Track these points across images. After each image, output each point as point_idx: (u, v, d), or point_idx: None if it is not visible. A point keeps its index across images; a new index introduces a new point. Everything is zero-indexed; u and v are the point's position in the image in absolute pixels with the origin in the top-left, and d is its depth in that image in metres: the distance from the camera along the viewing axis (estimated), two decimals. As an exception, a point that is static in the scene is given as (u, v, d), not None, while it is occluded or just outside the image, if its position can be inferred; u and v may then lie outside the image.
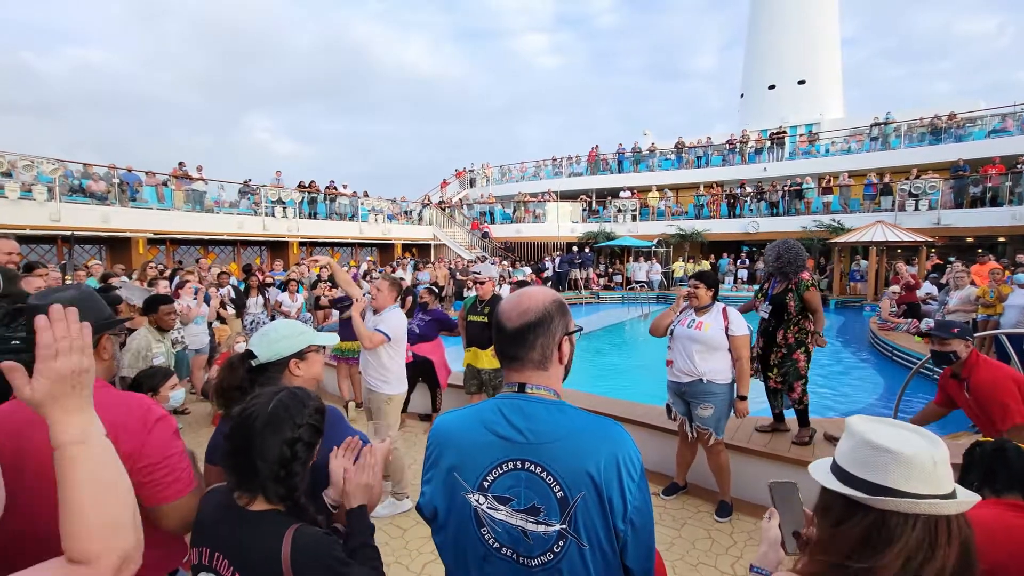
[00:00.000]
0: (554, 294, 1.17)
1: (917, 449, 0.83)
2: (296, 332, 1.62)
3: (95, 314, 1.38)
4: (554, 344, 1.10)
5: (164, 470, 1.27)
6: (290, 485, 1.11)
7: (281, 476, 1.10)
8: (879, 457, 0.84)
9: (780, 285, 3.81)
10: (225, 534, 1.12)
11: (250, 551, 1.08)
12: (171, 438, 1.32)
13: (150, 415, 1.30)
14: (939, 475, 0.82)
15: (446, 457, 1.09)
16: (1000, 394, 2.56)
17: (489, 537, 1.04)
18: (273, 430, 1.13)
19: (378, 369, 3.55)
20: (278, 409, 1.16)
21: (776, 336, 3.78)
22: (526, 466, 1.02)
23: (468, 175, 27.75)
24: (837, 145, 20.55)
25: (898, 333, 8.84)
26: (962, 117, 17.84)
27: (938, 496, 0.81)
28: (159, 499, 1.27)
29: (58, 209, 11.44)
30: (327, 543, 1.09)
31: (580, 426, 1.05)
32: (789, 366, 3.74)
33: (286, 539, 1.05)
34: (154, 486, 1.26)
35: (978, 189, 15.12)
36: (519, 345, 1.08)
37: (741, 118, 27.03)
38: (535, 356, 1.09)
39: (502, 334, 1.10)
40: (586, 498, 0.99)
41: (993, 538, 1.45)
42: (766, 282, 3.98)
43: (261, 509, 1.12)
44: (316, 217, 17.17)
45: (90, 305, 1.38)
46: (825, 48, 25.92)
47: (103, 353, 1.40)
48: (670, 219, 20.45)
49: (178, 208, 13.95)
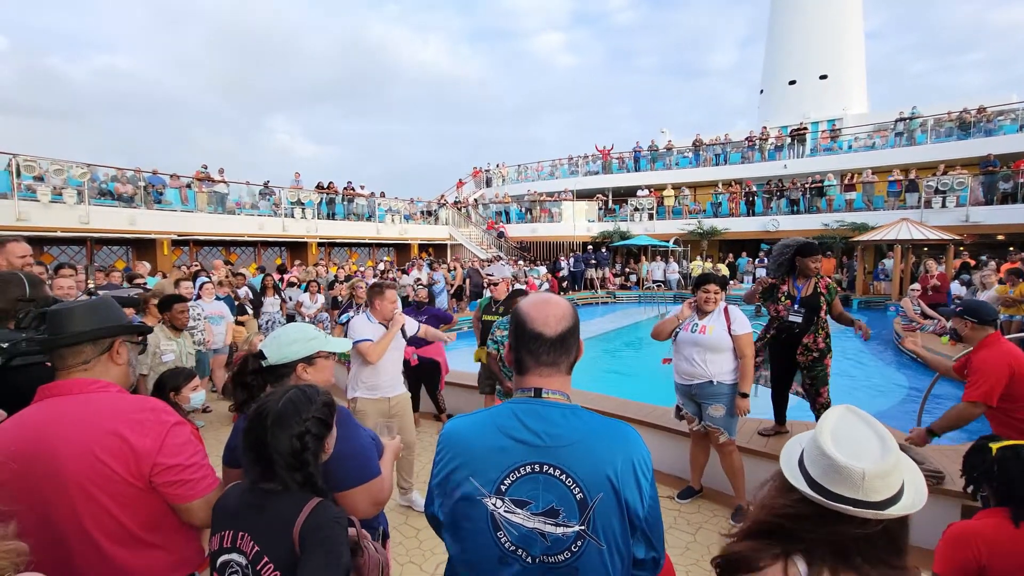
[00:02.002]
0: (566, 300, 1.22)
1: (851, 462, 0.91)
2: (307, 337, 1.65)
3: (109, 319, 1.44)
4: (579, 348, 1.16)
5: (192, 468, 1.35)
6: (306, 473, 1.20)
7: (295, 465, 1.19)
8: (823, 460, 0.94)
9: (807, 287, 3.68)
10: (251, 513, 1.19)
11: (272, 521, 1.16)
12: (190, 439, 1.38)
13: (163, 419, 1.35)
14: (866, 487, 0.90)
15: (459, 462, 1.10)
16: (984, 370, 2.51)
17: (505, 540, 1.05)
18: (282, 426, 1.20)
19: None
20: (287, 406, 1.24)
21: (804, 339, 3.65)
22: (544, 469, 1.04)
23: (484, 175, 27.82)
24: (860, 141, 20.08)
25: (924, 334, 8.61)
26: (992, 110, 17.28)
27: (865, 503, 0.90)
28: (190, 496, 1.34)
29: (87, 212, 11.79)
30: (339, 518, 1.18)
31: (596, 429, 1.09)
32: (819, 371, 3.65)
33: (305, 508, 1.15)
34: (182, 485, 1.33)
35: (1009, 185, 14.62)
36: (560, 351, 1.11)
37: (761, 114, 26.59)
38: (570, 361, 1.15)
39: (540, 341, 1.10)
40: (604, 499, 1.02)
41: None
42: (782, 282, 3.85)
43: None
44: (334, 218, 17.40)
45: (104, 312, 1.44)
46: (848, 42, 25.33)
47: (117, 359, 1.44)
48: (687, 217, 20.22)
49: (201, 210, 14.27)
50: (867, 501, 0.90)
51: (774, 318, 3.84)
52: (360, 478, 1.51)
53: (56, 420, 1.28)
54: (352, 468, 1.50)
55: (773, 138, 20.88)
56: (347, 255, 19.38)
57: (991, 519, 1.60)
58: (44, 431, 1.26)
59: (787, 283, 3.82)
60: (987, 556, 1.52)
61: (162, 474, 1.31)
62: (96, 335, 1.38)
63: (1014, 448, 1.66)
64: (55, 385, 1.34)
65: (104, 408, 1.32)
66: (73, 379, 1.35)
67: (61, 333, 1.35)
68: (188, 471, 1.34)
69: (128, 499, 1.29)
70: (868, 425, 0.98)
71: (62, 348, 1.35)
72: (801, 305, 3.67)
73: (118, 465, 1.26)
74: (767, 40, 27.91)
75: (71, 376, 1.36)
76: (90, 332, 1.37)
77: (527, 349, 1.12)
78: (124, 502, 1.28)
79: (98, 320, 1.40)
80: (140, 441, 1.29)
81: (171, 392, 2.81)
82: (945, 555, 1.61)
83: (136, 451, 1.28)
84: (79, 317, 1.37)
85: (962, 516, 2.87)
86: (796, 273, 3.78)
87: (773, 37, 27.19)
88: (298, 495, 1.19)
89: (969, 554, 1.55)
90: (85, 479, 1.24)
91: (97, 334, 1.38)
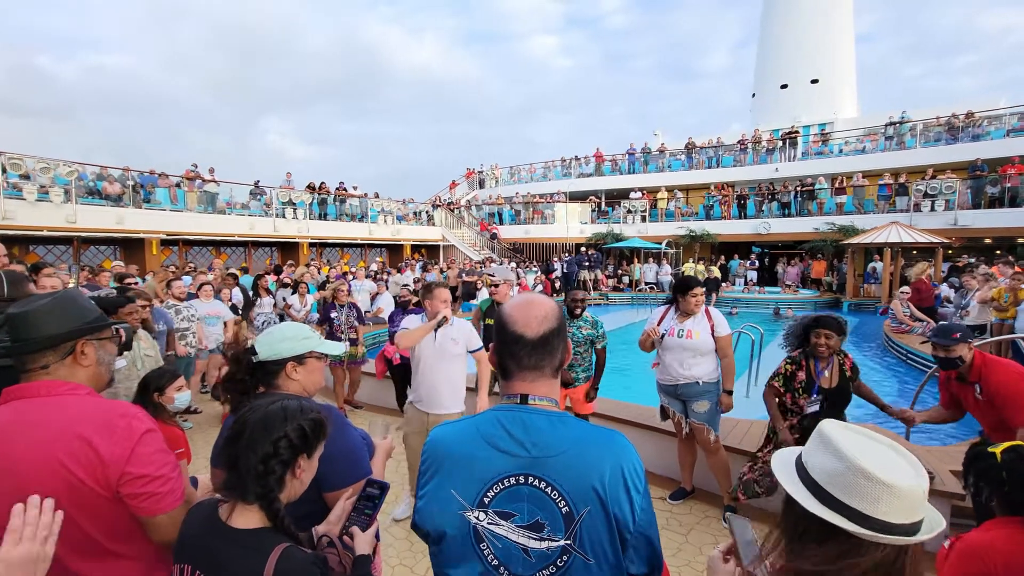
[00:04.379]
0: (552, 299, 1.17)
1: (911, 483, 0.82)
2: (300, 336, 1.62)
3: (71, 320, 1.33)
4: (564, 350, 1.11)
5: (159, 480, 1.26)
6: (266, 484, 1.10)
7: (260, 471, 1.09)
8: (872, 488, 0.82)
9: (831, 372, 3.01)
10: (207, 552, 1.10)
11: (231, 570, 1.05)
12: (162, 449, 1.30)
13: (134, 426, 1.26)
14: (923, 506, 0.83)
15: (443, 472, 1.06)
16: (1015, 397, 2.51)
17: (488, 553, 1.01)
18: (265, 427, 1.13)
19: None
20: (276, 410, 1.17)
21: None
22: (529, 481, 1.00)
23: (478, 176, 27.79)
24: (851, 145, 20.25)
25: (912, 336, 8.69)
26: (980, 116, 17.51)
27: (913, 523, 0.82)
28: (156, 510, 1.25)
29: (74, 211, 11.63)
30: (315, 563, 1.07)
31: (583, 437, 1.03)
32: None
33: (271, 559, 1.03)
34: (148, 497, 1.24)
35: (996, 189, 14.82)
36: (543, 354, 1.06)
37: (753, 118, 26.79)
38: (555, 363, 1.09)
39: (520, 344, 1.05)
40: (592, 512, 0.97)
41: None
42: (799, 367, 3.07)
43: (247, 527, 1.09)
44: (326, 218, 17.29)
45: (68, 310, 1.34)
46: (839, 46, 25.60)
47: (82, 360, 1.33)
48: (680, 220, 20.30)
49: (191, 209, 14.13)
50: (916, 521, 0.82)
51: (792, 411, 3.11)
52: (350, 478, 1.47)
53: (18, 424, 1.20)
54: (341, 468, 1.46)
55: (765, 141, 21.03)
56: (339, 255, 19.27)
57: (1003, 531, 1.49)
58: (4, 436, 1.18)
59: (804, 367, 3.06)
60: (1003, 571, 1.42)
61: (129, 484, 1.22)
62: (52, 342, 1.28)
63: (1016, 450, 1.58)
64: (20, 387, 1.26)
65: (71, 412, 1.23)
66: (39, 381, 1.27)
67: (17, 339, 1.26)
68: (155, 483, 1.25)
69: (94, 509, 1.21)
70: (869, 438, 0.91)
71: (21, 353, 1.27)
72: (826, 397, 2.99)
73: (84, 473, 1.18)
74: (759, 44, 28.13)
75: (36, 378, 1.27)
76: (44, 339, 1.27)
77: (509, 352, 1.07)
78: (90, 512, 1.20)
79: (56, 324, 1.29)
80: (108, 449, 1.20)
81: (155, 393, 2.75)
82: (957, 570, 1.49)
83: (103, 459, 1.20)
84: (34, 321, 1.27)
85: (952, 515, 2.89)
86: (811, 352, 3.05)
87: (764, 41, 27.41)
88: (262, 537, 1.08)
89: (983, 569, 1.45)
90: (47, 487, 1.14)
91: (53, 341, 1.28)
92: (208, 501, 1.19)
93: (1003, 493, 1.54)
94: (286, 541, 1.08)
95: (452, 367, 3.25)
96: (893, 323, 9.23)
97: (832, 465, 0.86)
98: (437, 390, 3.22)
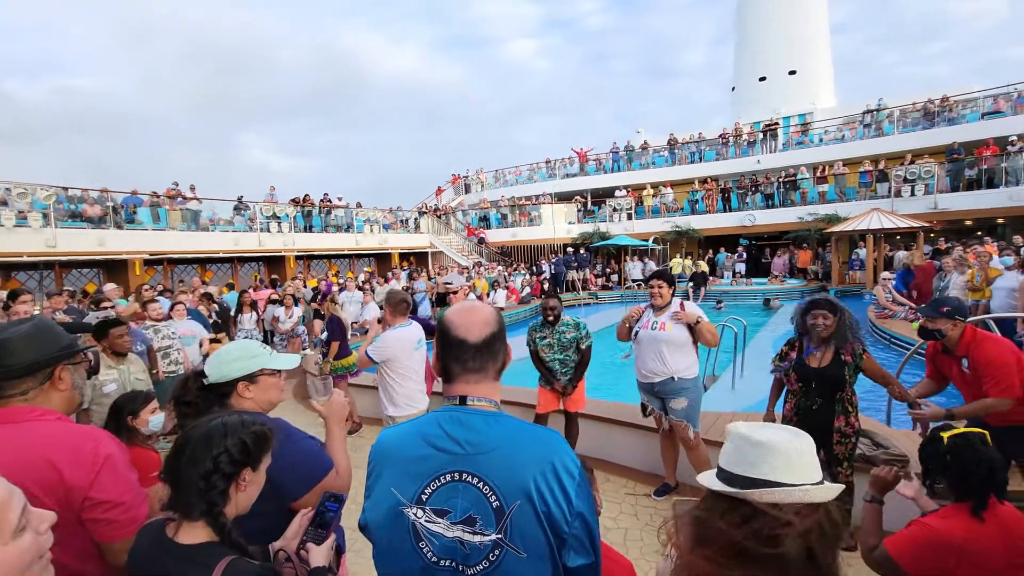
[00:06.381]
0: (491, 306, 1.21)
1: (785, 441, 0.91)
2: (249, 355, 1.61)
3: (49, 345, 1.39)
4: (506, 353, 1.16)
5: (120, 508, 1.28)
6: (210, 499, 1.11)
7: (201, 488, 1.10)
8: (752, 450, 0.92)
9: (824, 354, 2.94)
10: (156, 570, 1.10)
11: None
12: (124, 475, 1.31)
13: (99, 451, 1.29)
14: (803, 463, 0.90)
15: (385, 472, 1.10)
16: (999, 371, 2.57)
17: (427, 551, 1.03)
18: (206, 443, 1.14)
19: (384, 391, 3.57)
20: (216, 426, 1.19)
21: (834, 422, 2.91)
22: (463, 477, 1.03)
23: (463, 181, 27.81)
24: (831, 134, 20.52)
25: (896, 320, 8.79)
26: (954, 100, 17.79)
27: (808, 484, 0.88)
28: (115, 536, 1.27)
29: (54, 235, 11.50)
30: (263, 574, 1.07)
31: (517, 435, 1.07)
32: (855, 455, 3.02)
33: (216, 573, 1.04)
34: (108, 524, 1.27)
35: (973, 172, 15.05)
36: (485, 357, 1.11)
37: (734, 111, 27.00)
38: (497, 366, 1.14)
39: (463, 348, 1.10)
40: (522, 507, 0.99)
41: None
42: (791, 348, 3.11)
43: (193, 543, 1.10)
44: (312, 230, 17.21)
45: (45, 337, 1.39)
46: (815, 37, 25.90)
47: (59, 384, 1.39)
48: (666, 216, 20.42)
49: (173, 228, 14.01)
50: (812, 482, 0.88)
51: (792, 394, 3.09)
52: (310, 481, 1.50)
53: None
54: (300, 474, 1.49)
55: (746, 134, 21.22)
56: (326, 267, 19.19)
57: (959, 520, 1.52)
58: None
59: (797, 347, 3.07)
60: (956, 565, 1.47)
61: (91, 510, 1.25)
62: (32, 368, 1.33)
63: (964, 436, 1.62)
64: None
65: (39, 437, 1.26)
66: (12, 407, 1.31)
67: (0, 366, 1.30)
68: (116, 510, 1.27)
69: (59, 533, 1.23)
70: (768, 426, 0.99)
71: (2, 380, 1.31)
72: (813, 378, 2.94)
73: (48, 497, 1.20)
74: (736, 38, 28.40)
75: (10, 404, 1.31)
76: (24, 366, 1.32)
77: (452, 356, 1.12)
78: (57, 535, 1.23)
79: (35, 350, 1.35)
80: (72, 473, 1.23)
81: (128, 416, 2.73)
82: (917, 557, 1.53)
83: (67, 483, 1.22)
84: (14, 348, 1.31)
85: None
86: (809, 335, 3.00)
87: (742, 35, 27.68)
88: (208, 551, 1.08)
89: (943, 563, 1.49)
90: None
91: (33, 368, 1.33)
92: (156, 521, 1.19)
93: (948, 478, 1.57)
94: (232, 554, 1.09)
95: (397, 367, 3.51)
96: (876, 308, 9.33)
97: (728, 445, 0.98)
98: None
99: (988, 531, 1.48)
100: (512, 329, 11.19)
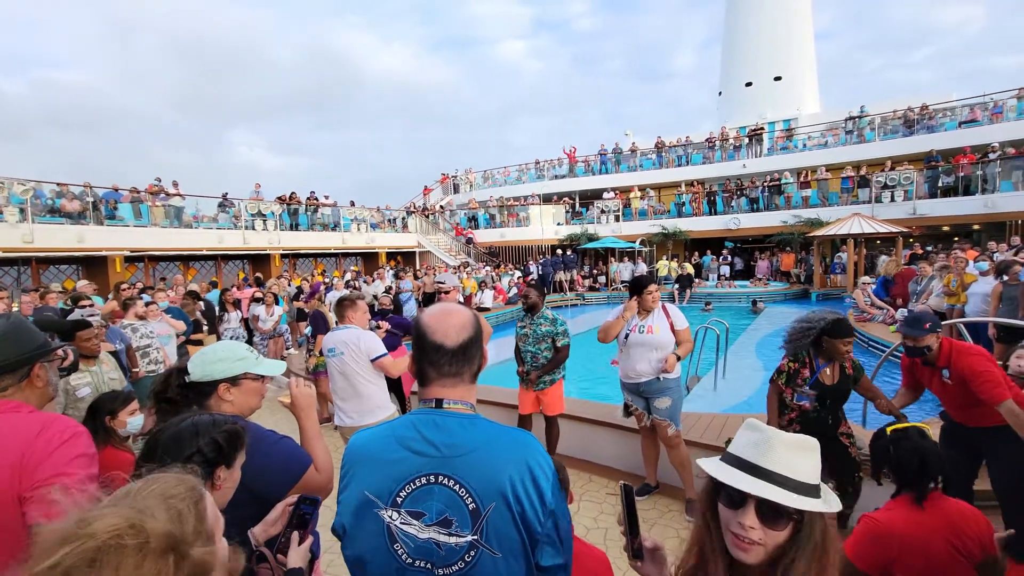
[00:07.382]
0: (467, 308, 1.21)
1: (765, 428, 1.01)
2: (234, 357, 1.58)
3: (25, 344, 1.41)
4: (482, 356, 1.16)
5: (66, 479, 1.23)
6: None
7: None
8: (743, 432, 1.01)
9: (833, 370, 2.97)
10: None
11: None
12: (73, 458, 1.29)
13: (62, 435, 1.30)
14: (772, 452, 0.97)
15: (359, 475, 1.10)
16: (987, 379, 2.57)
17: (402, 552, 1.04)
18: (177, 444, 1.15)
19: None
20: (187, 426, 1.19)
21: (839, 428, 3.01)
22: (439, 480, 1.04)
23: (452, 181, 27.74)
24: (814, 140, 20.84)
25: (874, 324, 8.96)
26: (933, 108, 18.19)
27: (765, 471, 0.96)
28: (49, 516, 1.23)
29: (31, 230, 11.26)
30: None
31: (492, 438, 1.08)
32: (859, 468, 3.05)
33: None
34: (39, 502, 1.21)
35: (951, 179, 15.41)
36: (462, 362, 1.11)
37: (720, 116, 27.32)
38: (473, 370, 1.15)
39: (440, 352, 1.10)
40: (498, 508, 1.01)
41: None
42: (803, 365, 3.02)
43: None
44: (298, 229, 17.05)
45: (20, 335, 1.42)
46: (800, 43, 26.30)
47: (36, 381, 1.43)
48: (652, 218, 20.59)
49: (156, 224, 13.78)
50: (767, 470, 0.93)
51: (790, 407, 3.06)
52: (286, 483, 1.48)
53: None
54: (273, 479, 1.47)
55: (732, 139, 21.48)
56: (312, 266, 19.03)
57: (901, 511, 1.60)
58: None
59: (809, 364, 3.01)
60: (899, 553, 1.54)
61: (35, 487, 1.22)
62: (12, 366, 1.37)
63: (904, 430, 1.71)
64: None
65: (10, 429, 1.29)
66: None
67: None
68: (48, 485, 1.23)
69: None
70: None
71: None
72: (825, 394, 2.96)
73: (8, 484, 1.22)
74: (723, 43, 28.74)
75: None
76: (8, 365, 1.37)
77: (428, 360, 1.12)
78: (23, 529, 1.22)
79: (14, 348, 1.38)
80: (31, 454, 1.25)
81: (107, 417, 2.68)
82: (862, 551, 1.60)
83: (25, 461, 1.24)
84: None
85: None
86: (818, 353, 3.00)
87: (729, 40, 28.01)
88: None
89: (885, 553, 1.56)
90: None
91: (13, 365, 1.37)
92: None
93: (892, 468, 1.68)
94: None
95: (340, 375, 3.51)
96: (855, 312, 9.50)
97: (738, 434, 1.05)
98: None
99: (929, 519, 1.56)
100: (499, 329, 11.21)
